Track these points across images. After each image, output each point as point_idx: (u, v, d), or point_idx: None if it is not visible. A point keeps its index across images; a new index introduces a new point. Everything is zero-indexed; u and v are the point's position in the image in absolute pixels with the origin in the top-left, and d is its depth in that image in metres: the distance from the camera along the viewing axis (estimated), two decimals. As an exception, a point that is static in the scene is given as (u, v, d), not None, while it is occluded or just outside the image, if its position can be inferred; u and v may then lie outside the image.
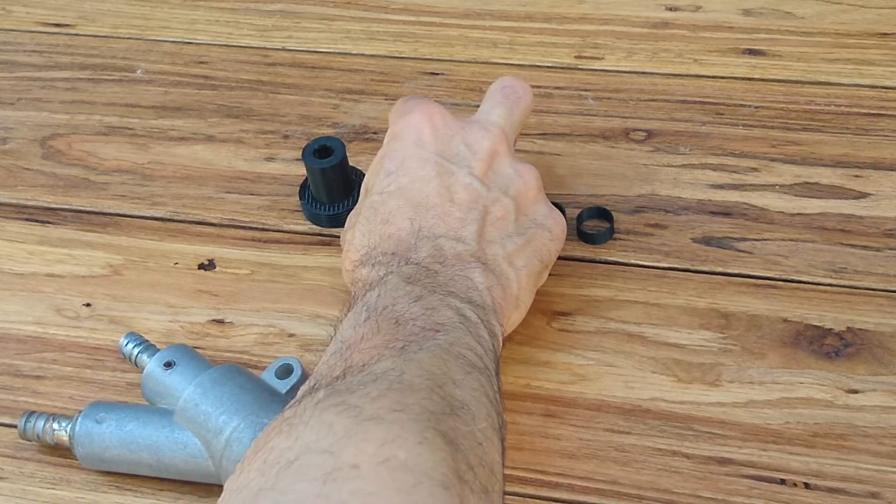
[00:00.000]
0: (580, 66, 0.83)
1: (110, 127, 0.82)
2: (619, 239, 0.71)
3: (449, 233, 0.60)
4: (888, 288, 0.67)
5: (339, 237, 0.73)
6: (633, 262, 0.70)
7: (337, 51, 0.87)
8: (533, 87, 0.81)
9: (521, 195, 0.63)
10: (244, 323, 0.69)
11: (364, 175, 0.75)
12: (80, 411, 0.62)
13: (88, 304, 0.71)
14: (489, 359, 0.55)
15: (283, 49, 0.87)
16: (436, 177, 0.61)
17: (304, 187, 0.75)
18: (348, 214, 0.67)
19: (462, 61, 0.84)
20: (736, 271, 0.69)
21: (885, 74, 0.79)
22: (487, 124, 0.64)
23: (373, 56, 0.86)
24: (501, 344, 0.59)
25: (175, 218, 0.76)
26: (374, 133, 0.80)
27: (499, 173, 0.63)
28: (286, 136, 0.80)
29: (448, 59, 0.85)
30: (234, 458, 0.57)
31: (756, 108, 0.78)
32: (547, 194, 0.74)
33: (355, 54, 0.86)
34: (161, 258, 0.73)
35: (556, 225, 0.64)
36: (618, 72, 0.82)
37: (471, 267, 0.59)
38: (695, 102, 0.79)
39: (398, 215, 0.61)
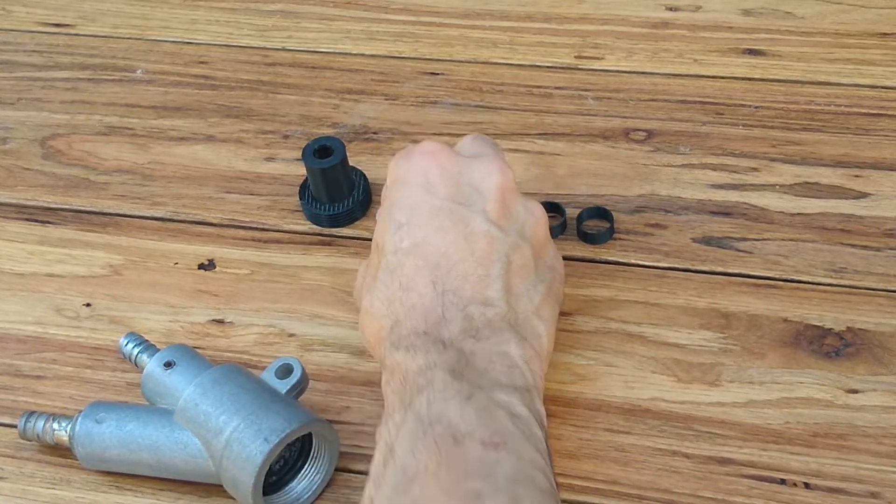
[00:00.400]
0: (580, 66, 0.83)
1: (110, 127, 0.82)
2: (619, 239, 0.71)
3: (476, 296, 0.57)
4: (888, 288, 0.67)
5: (339, 237, 0.73)
6: (633, 262, 0.70)
7: (337, 51, 0.87)
8: (533, 87, 0.82)
9: (535, 235, 0.60)
10: (244, 323, 0.69)
11: (364, 175, 0.75)
12: (80, 411, 0.62)
13: (88, 304, 0.71)
14: (548, 468, 0.53)
15: (283, 49, 0.87)
16: (452, 227, 0.58)
17: (304, 187, 0.75)
18: (360, 272, 0.62)
19: (462, 61, 0.84)
20: (736, 271, 0.69)
21: (885, 74, 0.79)
22: (488, 159, 0.60)
23: (373, 56, 0.86)
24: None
25: (175, 218, 0.76)
26: (374, 133, 0.80)
27: (512, 213, 0.60)
28: (286, 136, 0.80)
29: (448, 59, 0.85)
30: (234, 457, 0.57)
31: (756, 108, 0.78)
32: (547, 194, 0.74)
33: (355, 54, 0.86)
34: (161, 258, 0.73)
35: (561, 265, 0.63)
36: (618, 72, 0.82)
37: (505, 338, 0.56)
38: (695, 102, 0.79)
39: (418, 279, 0.57)
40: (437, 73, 0.83)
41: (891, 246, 0.69)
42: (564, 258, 0.70)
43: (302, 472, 0.61)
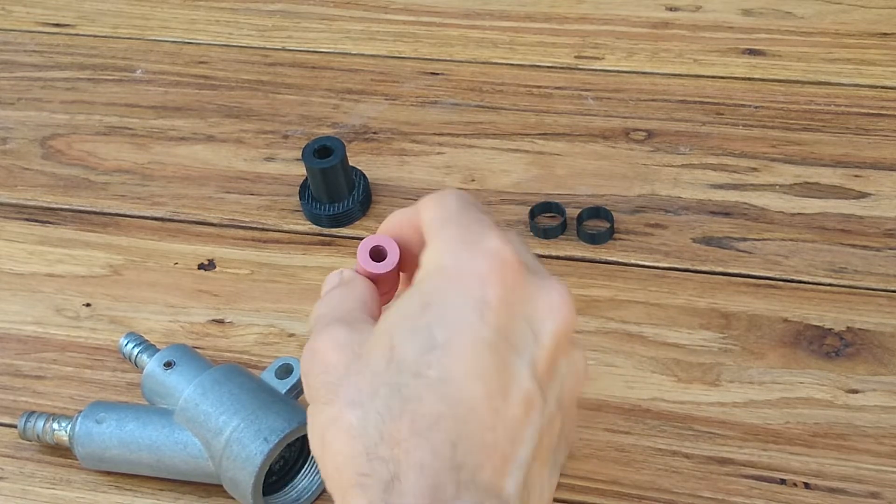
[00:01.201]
0: (580, 66, 0.83)
1: (110, 127, 0.82)
2: (619, 239, 0.71)
3: (492, 486, 0.46)
4: (888, 288, 0.67)
5: (339, 237, 0.73)
6: (633, 262, 0.70)
7: (337, 51, 0.87)
8: (533, 87, 0.82)
9: (570, 400, 0.50)
10: (244, 323, 0.69)
11: (364, 175, 0.75)
12: (80, 411, 0.62)
13: (88, 304, 0.71)
14: None
15: (283, 49, 0.87)
16: (493, 375, 0.46)
17: (304, 187, 0.75)
18: (341, 341, 0.47)
19: (462, 61, 0.84)
20: (736, 271, 0.69)
21: (885, 74, 0.79)
22: (556, 292, 0.48)
23: (373, 56, 0.86)
24: None
25: (175, 218, 0.76)
26: (374, 133, 0.80)
27: (558, 370, 0.48)
28: (286, 136, 0.80)
29: (448, 59, 0.85)
30: (234, 457, 0.57)
31: (756, 108, 0.78)
32: (547, 194, 0.74)
33: (355, 54, 0.86)
34: (161, 258, 0.73)
35: (574, 434, 0.52)
36: (618, 72, 0.82)
37: None
38: (695, 102, 0.79)
39: (436, 432, 0.45)
40: (437, 73, 0.84)
41: (891, 246, 0.69)
42: (564, 258, 0.70)
43: (302, 472, 0.61)
